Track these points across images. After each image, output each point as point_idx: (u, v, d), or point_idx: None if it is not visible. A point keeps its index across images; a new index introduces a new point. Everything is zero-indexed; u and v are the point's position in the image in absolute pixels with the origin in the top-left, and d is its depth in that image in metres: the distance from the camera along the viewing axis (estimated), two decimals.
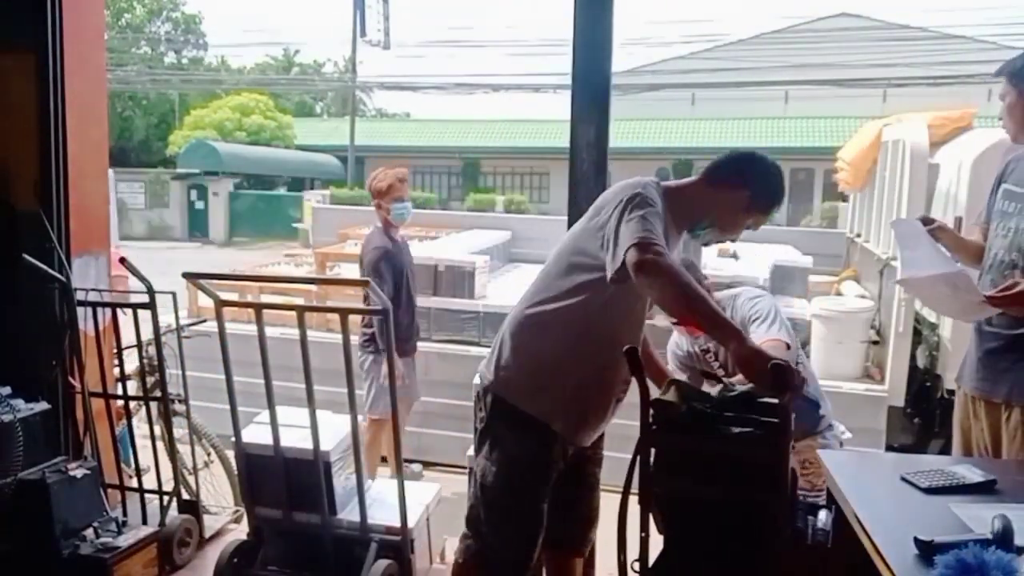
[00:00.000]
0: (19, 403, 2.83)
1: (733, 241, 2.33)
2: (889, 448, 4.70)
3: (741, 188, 2.12)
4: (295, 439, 2.84)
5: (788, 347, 2.42)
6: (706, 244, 2.25)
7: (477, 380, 2.29)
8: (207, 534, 3.28)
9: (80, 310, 3.03)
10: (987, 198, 2.54)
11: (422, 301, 5.55)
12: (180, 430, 3.43)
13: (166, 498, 3.13)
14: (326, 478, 2.83)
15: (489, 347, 2.31)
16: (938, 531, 1.48)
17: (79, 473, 2.85)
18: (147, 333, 3.20)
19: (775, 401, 1.85)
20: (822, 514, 2.00)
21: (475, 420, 2.28)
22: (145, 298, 3.01)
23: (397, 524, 2.79)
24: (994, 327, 2.34)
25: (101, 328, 3.08)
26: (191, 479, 3.54)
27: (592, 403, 2.19)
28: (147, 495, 3.17)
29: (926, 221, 2.45)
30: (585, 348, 2.10)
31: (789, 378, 1.77)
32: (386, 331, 2.68)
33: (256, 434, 2.91)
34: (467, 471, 2.78)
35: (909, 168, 4.93)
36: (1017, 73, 2.32)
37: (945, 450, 4.49)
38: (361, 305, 3.66)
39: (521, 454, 2.15)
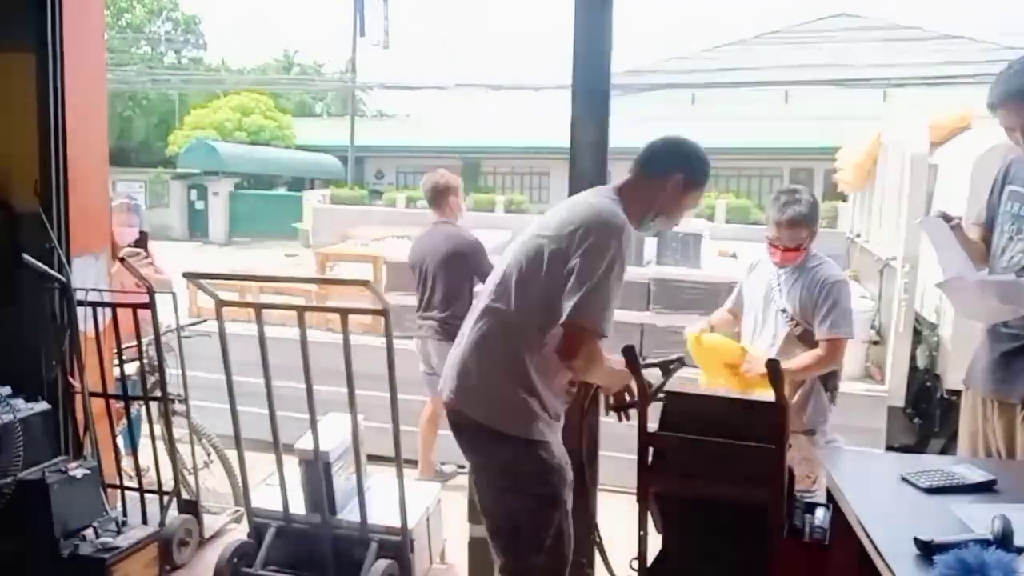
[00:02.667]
0: (19, 403, 2.83)
1: (676, 225, 2.49)
2: (889, 448, 4.69)
3: (676, 172, 2.22)
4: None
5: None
6: (656, 234, 2.35)
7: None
8: (207, 534, 3.28)
9: (80, 310, 3.03)
10: (986, 198, 2.53)
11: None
12: (180, 430, 3.43)
13: (166, 498, 3.13)
14: (326, 478, 2.83)
15: None
16: (938, 531, 1.48)
17: (79, 473, 2.85)
18: (147, 333, 3.20)
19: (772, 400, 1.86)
20: (819, 512, 2.00)
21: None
22: (145, 298, 3.01)
23: (397, 524, 2.79)
24: (1011, 329, 2.33)
25: (101, 328, 3.07)
26: (191, 479, 3.54)
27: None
28: (147, 495, 3.17)
29: (945, 218, 2.42)
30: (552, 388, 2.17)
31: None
32: (387, 330, 2.68)
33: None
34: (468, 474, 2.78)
35: (909, 168, 4.93)
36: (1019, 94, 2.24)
37: (945, 450, 4.50)
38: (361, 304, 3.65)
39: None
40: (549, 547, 2.12)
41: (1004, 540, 1.40)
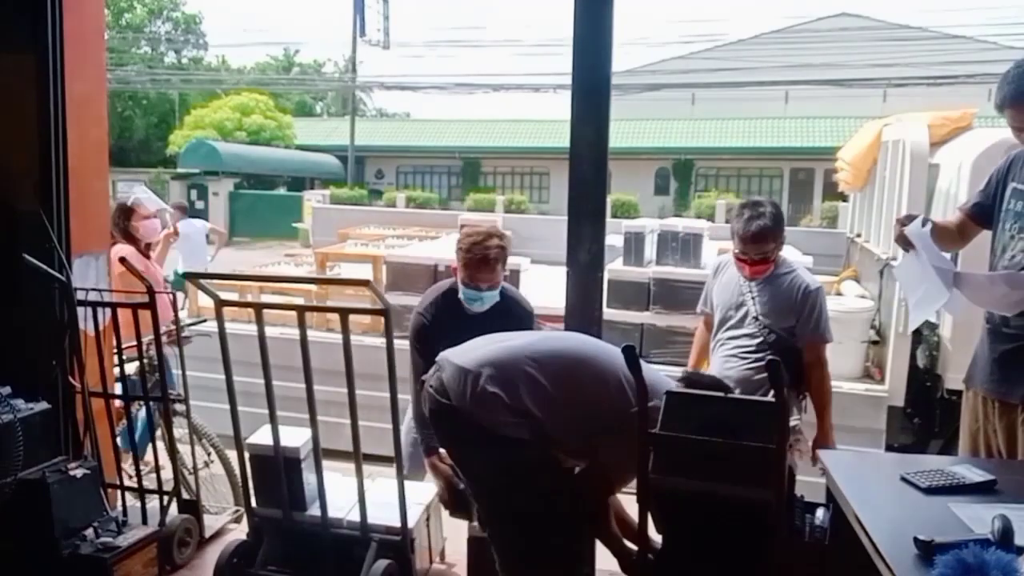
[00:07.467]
0: (19, 403, 2.82)
1: None
2: (889, 448, 4.69)
3: None
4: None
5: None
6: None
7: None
8: (207, 534, 3.28)
9: (80, 310, 3.02)
10: (981, 191, 2.51)
11: None
12: (180, 430, 3.43)
13: (166, 498, 3.13)
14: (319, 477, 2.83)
15: None
16: (938, 531, 1.48)
17: (79, 473, 2.85)
18: (148, 333, 3.19)
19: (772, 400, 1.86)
20: (820, 512, 2.01)
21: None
22: (145, 298, 3.01)
23: (397, 524, 2.79)
24: (1011, 328, 2.33)
25: (101, 328, 3.07)
26: (191, 479, 3.53)
27: None
28: (147, 495, 3.17)
29: (909, 219, 2.39)
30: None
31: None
32: (387, 330, 2.68)
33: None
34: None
35: (909, 168, 4.93)
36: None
37: (945, 450, 4.50)
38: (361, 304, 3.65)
39: None
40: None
41: (1004, 540, 1.40)
